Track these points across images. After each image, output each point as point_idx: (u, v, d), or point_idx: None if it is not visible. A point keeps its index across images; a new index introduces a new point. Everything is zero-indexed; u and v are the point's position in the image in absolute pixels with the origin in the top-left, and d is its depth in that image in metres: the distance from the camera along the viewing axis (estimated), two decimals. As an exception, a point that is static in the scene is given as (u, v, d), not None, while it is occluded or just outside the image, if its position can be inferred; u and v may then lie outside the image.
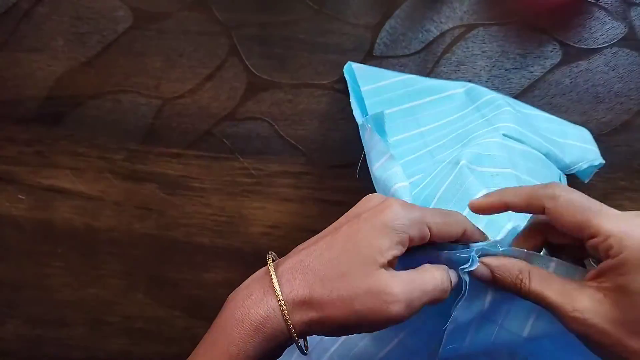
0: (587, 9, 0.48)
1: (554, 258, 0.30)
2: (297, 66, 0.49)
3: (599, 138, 0.47)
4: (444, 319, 0.32)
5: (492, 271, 0.30)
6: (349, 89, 0.44)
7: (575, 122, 0.48)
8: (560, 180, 0.44)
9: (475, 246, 0.30)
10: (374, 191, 0.40)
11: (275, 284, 0.28)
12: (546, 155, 0.42)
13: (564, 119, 0.48)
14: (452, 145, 0.42)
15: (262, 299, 0.28)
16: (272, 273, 0.29)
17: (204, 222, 0.49)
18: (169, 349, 0.50)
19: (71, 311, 0.50)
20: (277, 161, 0.48)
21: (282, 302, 0.27)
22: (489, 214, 0.31)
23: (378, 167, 0.38)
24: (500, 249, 0.30)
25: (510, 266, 0.30)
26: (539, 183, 0.40)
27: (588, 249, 0.28)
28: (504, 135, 0.41)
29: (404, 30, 0.48)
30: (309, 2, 0.48)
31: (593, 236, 0.27)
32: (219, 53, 0.49)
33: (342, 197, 0.48)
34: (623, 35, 0.47)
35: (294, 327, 0.28)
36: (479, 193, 0.36)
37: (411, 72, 0.47)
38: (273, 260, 0.30)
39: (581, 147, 0.45)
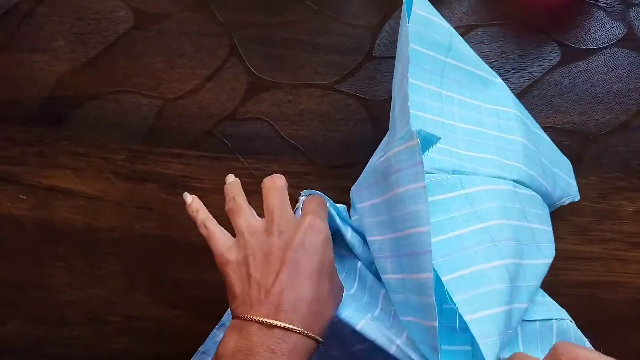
0: (586, 10, 0.48)
1: None
2: (297, 66, 0.49)
3: (597, 138, 0.47)
4: None
5: None
6: (405, 17, 0.40)
7: (574, 122, 0.48)
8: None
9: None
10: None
11: (288, 325, 0.32)
12: (543, 196, 0.42)
13: (563, 119, 0.48)
14: (463, 136, 0.40)
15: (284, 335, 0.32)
16: (277, 323, 0.32)
17: (204, 222, 0.49)
18: (170, 348, 0.50)
19: (72, 311, 0.50)
20: (277, 161, 0.49)
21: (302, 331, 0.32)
22: None
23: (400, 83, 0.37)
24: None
25: None
26: (543, 227, 0.40)
27: None
28: (515, 181, 0.39)
29: (404, 30, 0.48)
30: (309, 3, 0.49)
31: None
32: (219, 53, 0.49)
33: (342, 197, 0.48)
34: (622, 35, 0.48)
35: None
36: (493, 221, 0.36)
37: (411, 73, 0.47)
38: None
39: (567, 181, 0.45)
